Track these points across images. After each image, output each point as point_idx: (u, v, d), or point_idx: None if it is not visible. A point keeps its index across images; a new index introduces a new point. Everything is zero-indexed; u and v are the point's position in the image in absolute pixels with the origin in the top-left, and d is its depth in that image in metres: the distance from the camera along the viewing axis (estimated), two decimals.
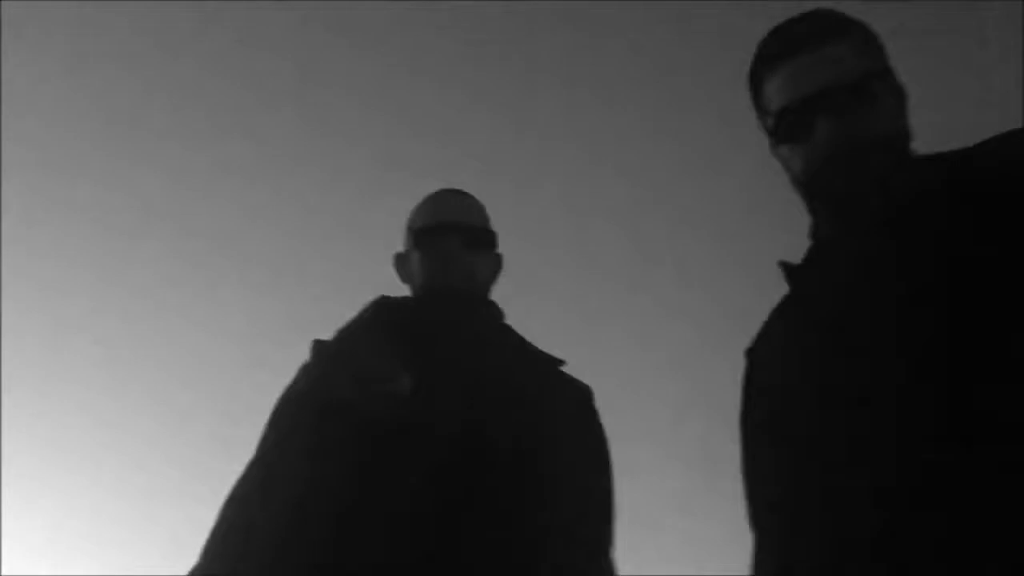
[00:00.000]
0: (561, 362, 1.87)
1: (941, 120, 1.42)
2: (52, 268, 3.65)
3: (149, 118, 3.73)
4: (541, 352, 1.87)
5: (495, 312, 1.92)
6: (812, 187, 1.40)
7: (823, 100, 1.37)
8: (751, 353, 1.52)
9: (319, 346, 1.87)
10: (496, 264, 1.97)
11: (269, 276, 3.81)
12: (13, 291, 3.46)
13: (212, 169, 3.75)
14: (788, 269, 1.46)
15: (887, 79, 1.42)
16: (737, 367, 1.53)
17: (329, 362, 1.82)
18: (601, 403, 1.83)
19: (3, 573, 2.90)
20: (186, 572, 1.63)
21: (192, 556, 1.63)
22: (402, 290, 1.92)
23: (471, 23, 3.72)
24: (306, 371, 1.85)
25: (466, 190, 1.96)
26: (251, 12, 3.62)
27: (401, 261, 1.96)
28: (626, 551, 1.74)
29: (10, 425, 3.31)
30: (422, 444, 1.65)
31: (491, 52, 3.79)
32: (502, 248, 1.94)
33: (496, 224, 1.94)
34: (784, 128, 1.41)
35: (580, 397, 1.84)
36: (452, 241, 1.86)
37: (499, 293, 1.93)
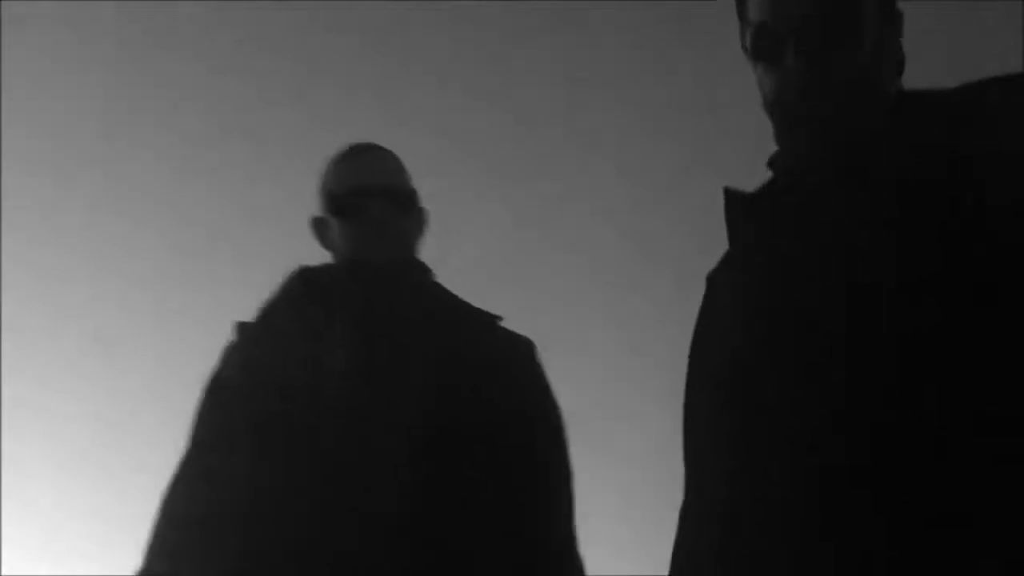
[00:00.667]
0: (499, 318, 1.81)
1: None
2: (52, 266, 3.65)
3: (150, 114, 3.73)
4: (478, 311, 1.80)
5: (426, 273, 1.82)
6: (777, 113, 1.32)
7: (802, 26, 1.26)
8: (714, 280, 1.42)
9: (243, 327, 1.77)
10: (422, 221, 1.86)
11: (269, 275, 3.80)
12: (13, 292, 3.46)
13: (211, 169, 3.75)
14: (736, 197, 1.36)
15: (884, 7, 1.32)
16: None
17: (257, 343, 1.72)
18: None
19: (3, 573, 2.91)
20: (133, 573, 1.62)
21: None
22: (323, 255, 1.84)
23: (469, 21, 3.72)
24: (231, 353, 1.76)
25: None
26: (250, 12, 3.62)
27: (320, 227, 1.83)
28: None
29: (10, 425, 3.32)
30: (369, 432, 1.59)
31: (486, 50, 3.79)
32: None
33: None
34: (758, 45, 1.32)
35: (523, 353, 1.79)
36: (379, 208, 1.74)
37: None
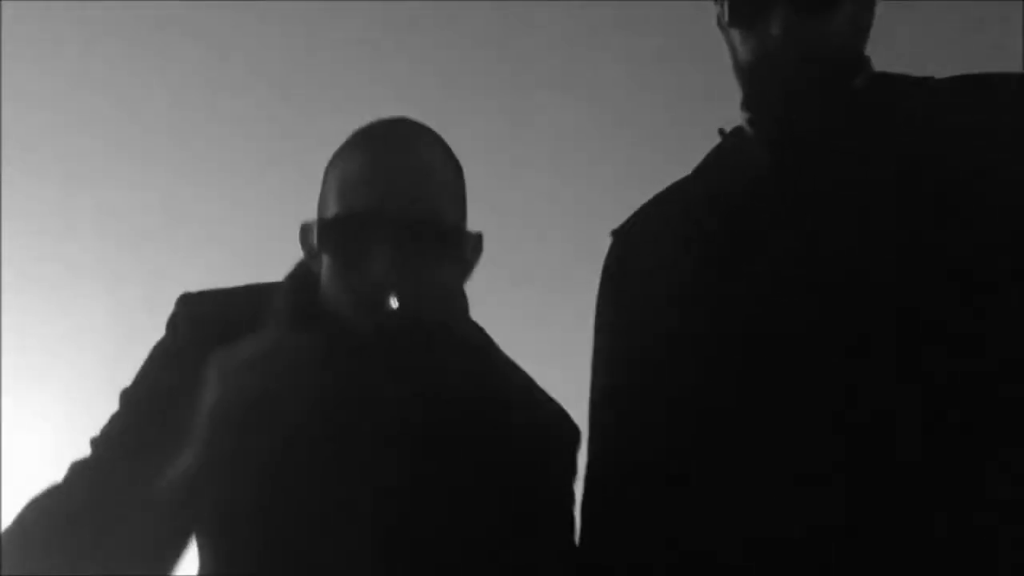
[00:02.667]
0: (547, 403, 1.28)
1: None
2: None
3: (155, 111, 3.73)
4: (519, 381, 1.27)
5: (456, 349, 1.21)
6: (754, 82, 1.29)
7: None
8: (625, 236, 1.37)
9: (184, 308, 1.22)
10: (469, 259, 1.21)
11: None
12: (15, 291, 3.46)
13: (209, 171, 3.75)
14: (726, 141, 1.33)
15: None
16: None
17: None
18: None
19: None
20: None
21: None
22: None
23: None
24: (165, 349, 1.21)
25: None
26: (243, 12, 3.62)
27: (308, 240, 1.19)
28: None
29: (10, 426, 3.32)
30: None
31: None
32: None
33: None
34: (739, 10, 1.27)
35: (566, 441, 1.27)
36: (384, 254, 1.08)
37: None
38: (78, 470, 1.16)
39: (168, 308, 1.30)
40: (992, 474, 1.06)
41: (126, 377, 1.45)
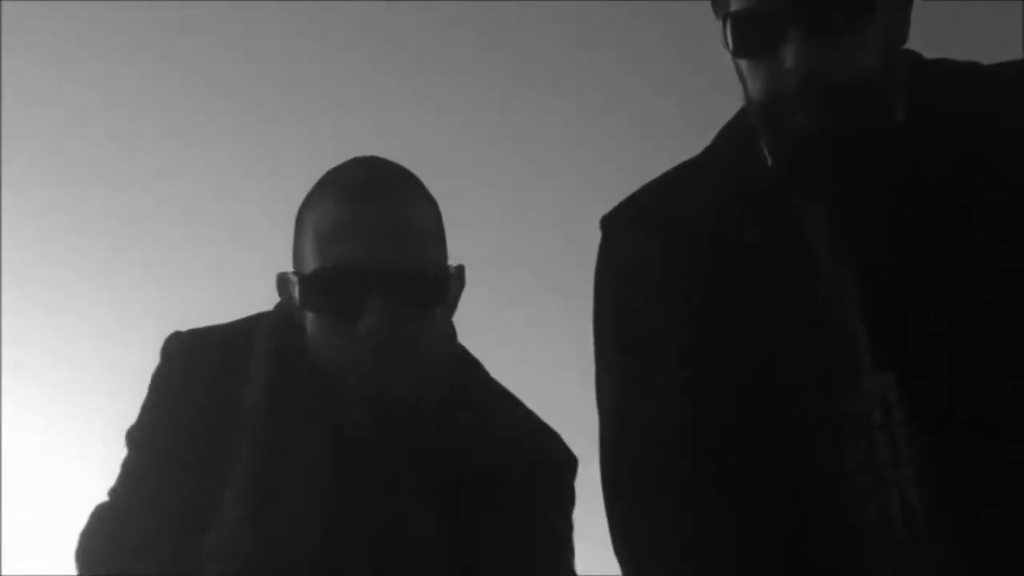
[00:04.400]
0: (546, 435, 1.27)
1: None
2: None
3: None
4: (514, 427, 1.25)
5: (459, 396, 1.21)
6: (767, 119, 1.09)
7: (798, 9, 1.02)
8: (611, 224, 1.25)
9: (177, 345, 1.23)
10: (454, 300, 1.21)
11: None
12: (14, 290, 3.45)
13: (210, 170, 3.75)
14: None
15: None
16: None
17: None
18: None
19: (3, 573, 2.89)
20: None
21: None
22: None
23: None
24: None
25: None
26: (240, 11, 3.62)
27: (287, 291, 1.20)
28: None
29: (10, 426, 3.31)
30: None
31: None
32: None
33: None
34: (744, 37, 1.07)
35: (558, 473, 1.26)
36: (379, 311, 1.08)
37: None
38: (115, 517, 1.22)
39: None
40: (997, 470, 1.06)
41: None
